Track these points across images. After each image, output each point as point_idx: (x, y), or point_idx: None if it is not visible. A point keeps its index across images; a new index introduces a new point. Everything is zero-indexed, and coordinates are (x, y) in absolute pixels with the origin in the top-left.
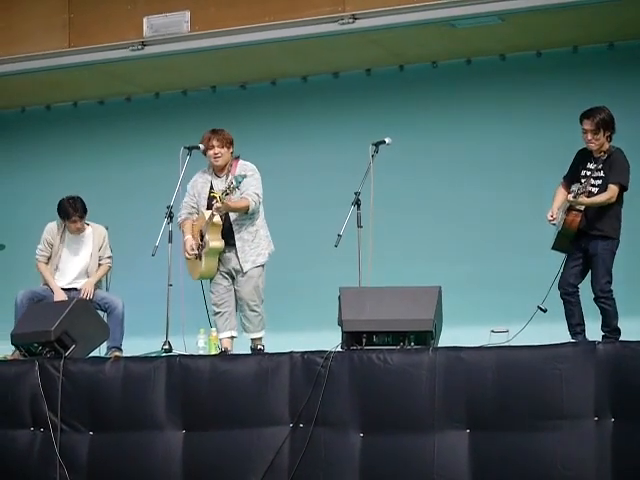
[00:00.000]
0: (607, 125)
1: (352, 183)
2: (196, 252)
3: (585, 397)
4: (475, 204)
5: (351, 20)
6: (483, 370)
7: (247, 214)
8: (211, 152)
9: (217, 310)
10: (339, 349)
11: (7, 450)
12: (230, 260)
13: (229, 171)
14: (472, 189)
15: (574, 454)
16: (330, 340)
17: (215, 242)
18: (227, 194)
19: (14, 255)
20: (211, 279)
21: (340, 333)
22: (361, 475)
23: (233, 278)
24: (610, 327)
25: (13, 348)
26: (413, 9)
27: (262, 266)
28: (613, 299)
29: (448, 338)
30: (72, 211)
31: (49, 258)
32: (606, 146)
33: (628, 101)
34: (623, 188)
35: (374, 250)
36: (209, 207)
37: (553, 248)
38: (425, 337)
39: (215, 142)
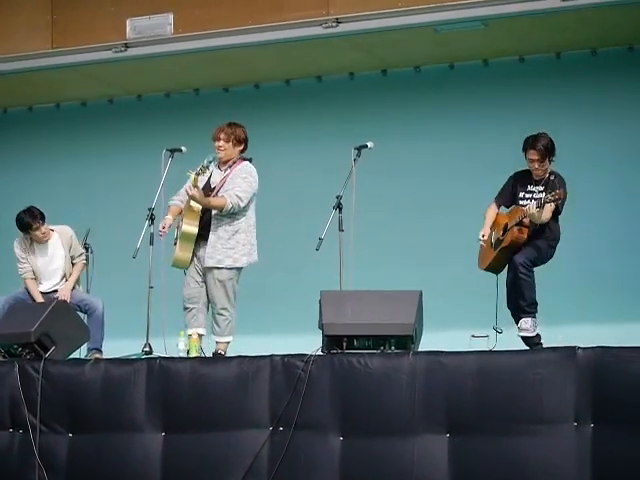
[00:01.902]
0: (551, 151)
1: (334, 186)
2: (166, 230)
3: (565, 402)
4: (457, 208)
5: (335, 24)
6: (463, 375)
7: (221, 212)
8: (216, 143)
9: (186, 305)
10: (319, 353)
11: None
12: (202, 255)
13: (231, 167)
14: (455, 193)
15: (554, 459)
16: (310, 344)
17: (187, 226)
18: (198, 174)
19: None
20: (185, 269)
21: (321, 337)
22: (341, 479)
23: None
24: (528, 300)
25: None
26: (396, 13)
27: (232, 270)
28: (532, 272)
29: (428, 343)
30: (31, 220)
31: (33, 271)
32: (548, 170)
33: (611, 107)
34: (557, 211)
35: (355, 254)
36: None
37: (486, 269)
38: (406, 341)
39: (222, 135)
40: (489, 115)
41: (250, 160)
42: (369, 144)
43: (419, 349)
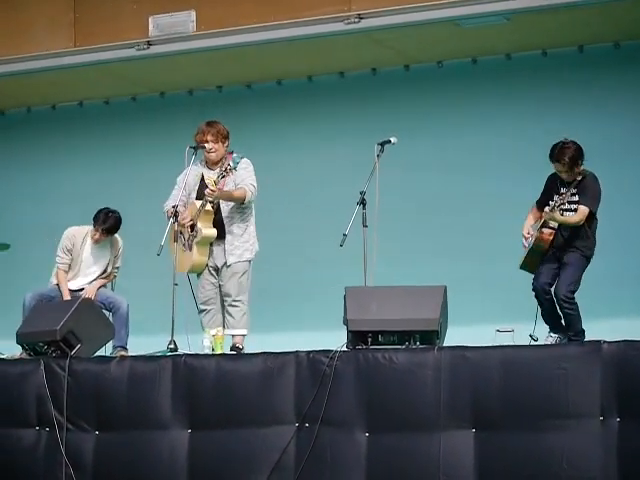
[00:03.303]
0: (577, 160)
1: (358, 182)
2: (194, 216)
3: (590, 397)
4: (481, 203)
5: (357, 20)
6: (488, 369)
7: (242, 205)
8: (206, 146)
9: (202, 307)
10: (344, 349)
11: (13, 449)
12: (218, 254)
13: (222, 164)
14: (478, 188)
15: (580, 454)
16: (336, 339)
17: (208, 230)
18: (223, 177)
19: (19, 255)
20: (199, 273)
21: (345, 332)
22: (367, 475)
23: (218, 273)
24: (574, 331)
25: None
26: (418, 8)
27: (248, 262)
28: (576, 304)
29: (453, 337)
30: (99, 221)
31: (69, 265)
32: (579, 172)
33: (633, 101)
34: (592, 213)
35: (379, 249)
36: (199, 198)
37: (521, 267)
38: (431, 336)
39: (210, 137)
40: (512, 109)
41: (232, 152)
42: (392, 140)
43: (444, 344)
